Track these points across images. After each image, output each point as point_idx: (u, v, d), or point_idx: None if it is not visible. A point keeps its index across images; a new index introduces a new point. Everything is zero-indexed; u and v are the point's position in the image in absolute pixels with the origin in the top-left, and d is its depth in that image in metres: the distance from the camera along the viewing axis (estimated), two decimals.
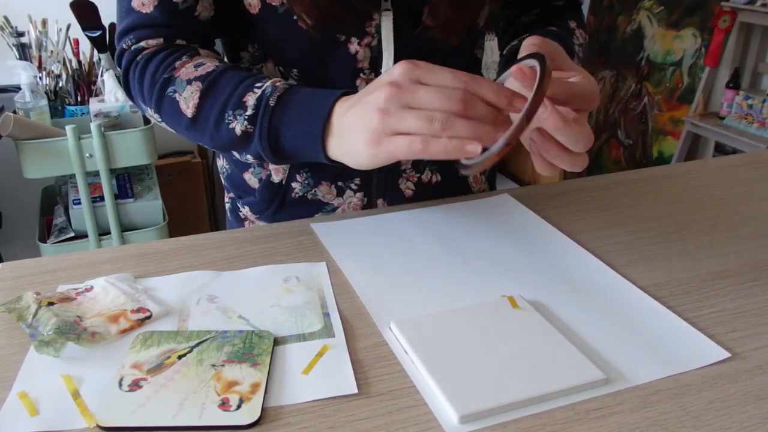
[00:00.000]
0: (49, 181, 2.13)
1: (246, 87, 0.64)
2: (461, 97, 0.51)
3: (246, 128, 0.63)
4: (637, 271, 0.64)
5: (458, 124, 0.51)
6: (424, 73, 0.52)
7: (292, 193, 0.81)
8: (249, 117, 0.63)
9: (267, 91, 0.63)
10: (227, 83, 0.65)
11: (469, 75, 0.52)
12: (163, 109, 0.69)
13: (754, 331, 0.55)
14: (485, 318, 0.55)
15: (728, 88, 2.57)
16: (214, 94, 0.65)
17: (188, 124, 0.67)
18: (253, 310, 0.57)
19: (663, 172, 0.89)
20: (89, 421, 0.45)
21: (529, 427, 0.45)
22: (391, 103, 0.52)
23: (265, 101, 0.62)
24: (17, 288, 0.61)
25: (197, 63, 0.68)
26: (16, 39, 1.95)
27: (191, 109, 0.66)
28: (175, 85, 0.67)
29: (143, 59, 0.70)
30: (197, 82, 0.66)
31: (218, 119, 0.65)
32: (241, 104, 0.64)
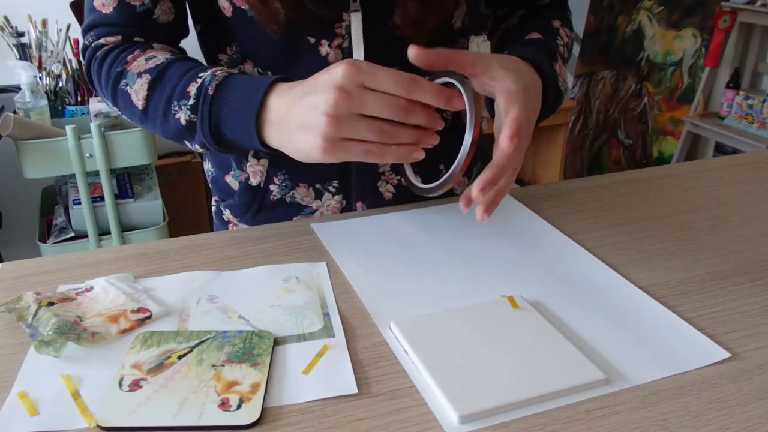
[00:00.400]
0: (49, 181, 2.13)
1: (189, 77, 0.66)
2: (404, 106, 0.55)
3: (189, 118, 0.65)
4: (637, 271, 0.64)
5: (402, 134, 0.56)
6: (368, 78, 0.54)
7: (270, 195, 0.81)
8: (191, 106, 0.65)
9: (206, 80, 0.64)
10: (173, 74, 0.67)
11: (410, 78, 0.54)
12: (118, 102, 0.72)
13: (754, 331, 0.55)
14: (485, 318, 0.55)
15: (728, 88, 2.57)
16: (161, 85, 0.67)
17: (140, 115, 0.70)
18: (253, 310, 0.57)
19: (663, 172, 0.89)
20: (89, 421, 0.45)
21: (529, 427, 0.45)
22: (340, 109, 0.54)
23: (204, 90, 0.64)
24: (17, 288, 0.61)
25: (148, 56, 0.70)
26: (16, 39, 1.95)
27: (141, 101, 0.68)
28: (127, 78, 0.70)
29: (101, 55, 0.72)
30: (146, 75, 0.68)
31: (165, 110, 0.67)
32: (185, 94, 0.65)
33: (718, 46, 2.61)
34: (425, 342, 0.52)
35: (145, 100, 0.68)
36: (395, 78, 0.54)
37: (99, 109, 1.81)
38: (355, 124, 0.55)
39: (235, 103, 0.63)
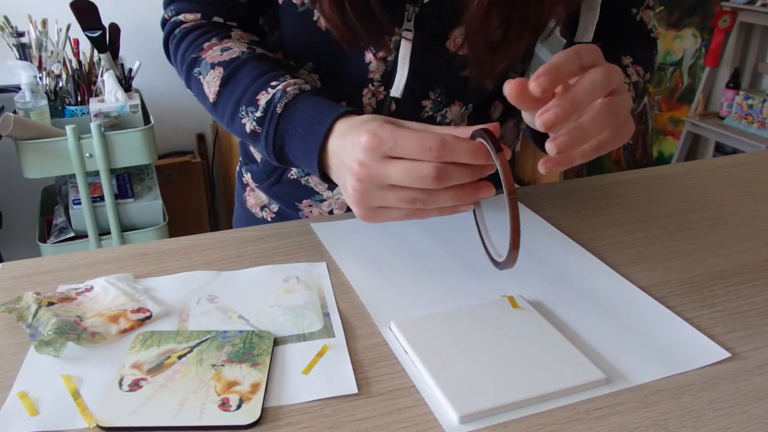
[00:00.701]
0: (49, 181, 2.13)
1: (261, 84, 0.64)
2: (434, 174, 0.49)
3: (255, 128, 0.64)
4: (637, 271, 0.64)
5: (440, 198, 0.52)
6: (391, 148, 0.51)
7: (288, 173, 0.83)
8: (258, 118, 0.64)
9: (277, 96, 0.63)
10: (246, 76, 0.66)
11: (438, 140, 0.49)
12: (191, 87, 0.72)
13: (754, 331, 0.55)
14: (485, 318, 0.55)
15: (728, 88, 2.57)
16: (233, 84, 0.67)
17: (210, 107, 0.70)
18: (253, 310, 0.57)
19: (663, 172, 0.89)
20: (89, 421, 0.45)
21: (529, 427, 0.45)
22: (364, 185, 0.53)
23: (273, 107, 0.62)
24: (17, 288, 0.61)
25: (224, 47, 0.69)
26: (16, 39, 1.95)
27: (212, 95, 0.68)
28: (200, 67, 0.69)
29: (179, 34, 0.73)
30: (219, 68, 0.68)
31: (233, 111, 0.66)
32: (254, 102, 0.64)
33: (718, 46, 2.61)
34: (425, 342, 0.52)
35: (216, 95, 0.68)
36: (420, 143, 0.49)
37: (99, 109, 1.81)
38: (383, 195, 0.53)
39: (301, 128, 0.61)
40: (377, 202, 0.54)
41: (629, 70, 0.72)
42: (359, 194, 0.53)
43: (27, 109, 1.78)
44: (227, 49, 0.69)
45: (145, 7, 2.27)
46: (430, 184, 0.50)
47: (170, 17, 0.75)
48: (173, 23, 0.74)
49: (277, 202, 0.88)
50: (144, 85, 2.28)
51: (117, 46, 1.99)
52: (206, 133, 2.57)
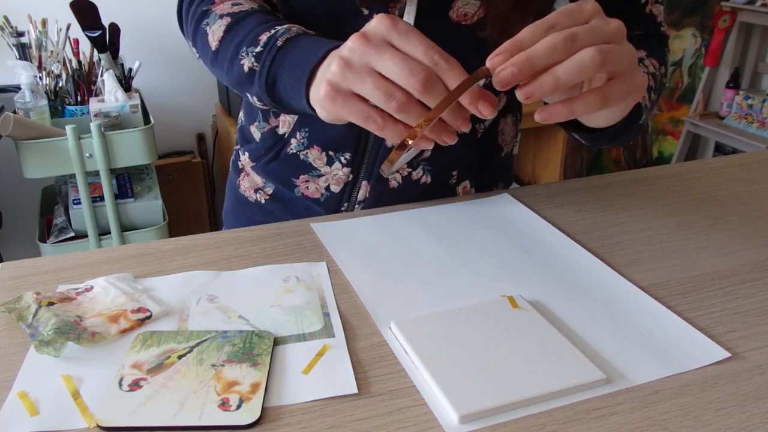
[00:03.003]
0: (49, 181, 2.13)
1: (265, 27, 0.63)
2: (424, 76, 0.47)
3: (252, 65, 0.63)
4: (637, 271, 0.64)
5: (412, 113, 0.49)
6: (399, 37, 0.49)
7: (287, 147, 0.82)
8: (257, 54, 0.62)
9: (279, 32, 0.62)
10: (251, 21, 0.65)
11: (444, 54, 0.48)
12: (197, 42, 0.71)
13: (754, 331, 0.55)
14: (485, 318, 0.55)
15: (728, 88, 2.57)
16: (237, 30, 0.66)
17: (212, 56, 0.68)
18: (253, 310, 0.57)
19: (663, 172, 0.89)
20: (89, 421, 0.45)
21: (529, 427, 0.45)
22: (354, 55, 0.49)
23: (273, 41, 0.61)
24: (17, 288, 0.61)
25: (236, 2, 0.69)
26: (16, 39, 1.95)
27: (215, 42, 0.67)
28: (209, 18, 0.69)
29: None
30: (227, 18, 0.67)
31: (233, 54, 0.65)
32: (256, 41, 0.63)
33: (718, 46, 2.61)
34: (425, 342, 0.52)
35: (219, 41, 0.67)
36: (428, 46, 0.48)
37: (99, 108, 1.81)
38: (362, 76, 0.49)
39: (295, 59, 0.59)
40: (352, 83, 0.50)
41: (645, 61, 0.71)
42: (343, 64, 0.50)
43: (27, 109, 1.78)
44: (237, 4, 0.69)
45: (145, 7, 2.27)
46: (415, 85, 0.47)
47: None
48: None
49: (272, 183, 0.86)
50: (144, 85, 2.28)
51: (117, 46, 1.99)
52: (206, 133, 2.57)
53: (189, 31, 0.73)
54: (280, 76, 0.60)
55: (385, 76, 0.49)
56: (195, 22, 0.71)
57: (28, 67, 1.78)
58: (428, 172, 0.83)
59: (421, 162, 0.82)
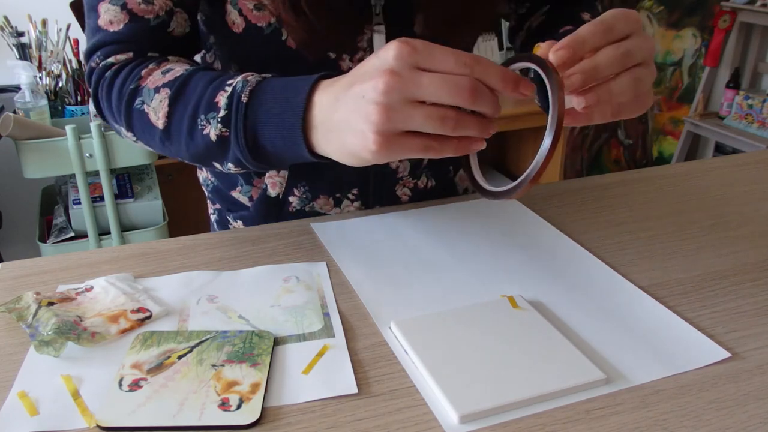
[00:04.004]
0: (49, 181, 2.13)
1: (216, 87, 0.58)
2: (470, 87, 0.46)
3: (221, 132, 0.57)
4: (637, 271, 0.64)
5: (470, 124, 0.47)
6: (425, 58, 0.46)
7: (289, 207, 0.80)
8: (222, 118, 0.56)
9: (238, 87, 0.56)
10: (196, 85, 0.59)
11: (472, 57, 0.47)
12: (134, 125, 0.63)
13: (754, 331, 0.55)
14: (485, 318, 0.55)
15: (728, 88, 2.57)
16: (184, 99, 0.59)
17: (161, 136, 0.61)
18: (253, 310, 0.57)
19: (663, 172, 0.89)
20: (89, 421, 0.45)
21: (529, 427, 0.45)
22: (392, 96, 0.46)
23: (236, 98, 0.56)
24: (17, 288, 0.61)
25: (165, 69, 0.62)
26: (16, 39, 1.95)
27: (161, 120, 0.60)
28: (143, 96, 0.61)
29: (111, 74, 0.64)
30: (165, 89, 0.60)
31: (191, 126, 0.59)
32: (213, 106, 0.57)
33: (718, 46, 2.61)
34: (425, 342, 0.52)
35: (166, 117, 0.60)
36: (456, 55, 0.46)
37: None
38: (410, 112, 0.46)
39: (275, 108, 0.54)
40: (401, 123, 0.46)
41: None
42: (384, 110, 0.46)
43: (27, 109, 1.78)
44: (169, 71, 0.62)
45: None
46: (465, 98, 0.46)
47: (98, 63, 0.65)
48: (102, 68, 0.65)
49: None
50: None
51: None
52: None
53: (119, 116, 0.63)
54: (261, 132, 0.55)
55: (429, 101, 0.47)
56: (125, 104, 0.62)
57: (28, 67, 1.78)
58: (431, 176, 0.83)
59: (423, 170, 0.83)
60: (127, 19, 0.64)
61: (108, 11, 0.64)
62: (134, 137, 0.64)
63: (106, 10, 0.64)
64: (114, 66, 0.64)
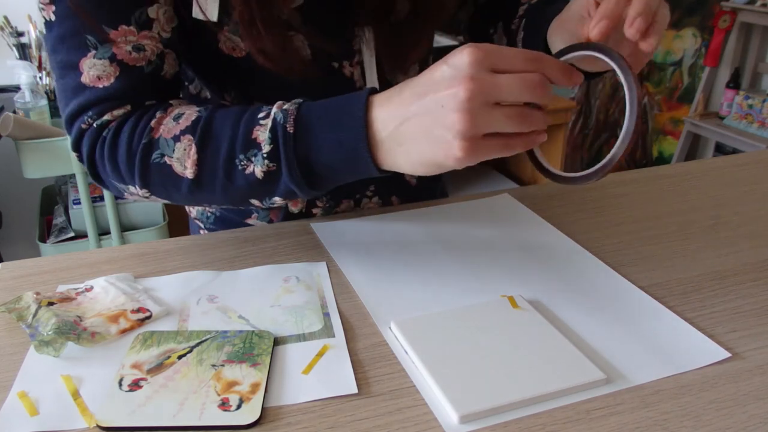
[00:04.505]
0: (49, 181, 2.13)
1: (248, 123, 0.56)
2: (540, 84, 0.48)
3: (268, 168, 0.55)
4: (637, 271, 0.64)
5: (539, 118, 0.50)
6: (497, 60, 0.48)
7: (313, 216, 0.79)
8: (268, 154, 0.55)
9: (278, 118, 0.55)
10: (222, 126, 0.57)
11: (534, 54, 0.49)
12: (151, 181, 0.59)
13: (754, 331, 0.55)
14: (485, 318, 0.55)
15: (728, 88, 2.57)
16: (214, 143, 0.56)
17: (190, 186, 0.58)
18: (253, 310, 0.57)
19: (663, 172, 0.89)
20: (89, 421, 0.45)
21: (529, 427, 0.45)
22: (475, 102, 0.47)
23: (281, 130, 0.54)
24: (17, 288, 0.61)
25: (175, 115, 0.59)
26: (16, 39, 1.95)
27: (191, 168, 0.57)
28: (160, 148, 0.58)
29: (110, 133, 0.59)
30: (186, 136, 0.57)
31: (228, 169, 0.56)
32: (252, 143, 0.55)
33: (718, 46, 2.61)
34: (425, 342, 0.52)
35: (196, 165, 0.56)
36: (522, 54, 0.48)
37: None
38: (492, 115, 0.47)
39: (329, 133, 0.53)
40: (485, 126, 0.48)
41: None
42: (470, 116, 0.47)
43: (27, 109, 1.78)
44: (181, 116, 0.58)
45: None
46: (539, 94, 0.48)
47: (90, 124, 0.60)
48: (97, 128, 0.60)
49: None
50: None
51: None
52: None
53: (129, 174, 0.59)
54: (317, 159, 0.54)
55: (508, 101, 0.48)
56: (140, 161, 0.58)
57: (28, 67, 1.78)
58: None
59: None
60: (119, 72, 0.59)
61: (94, 67, 0.59)
62: (147, 193, 0.60)
63: (90, 66, 0.59)
64: (111, 123, 0.60)
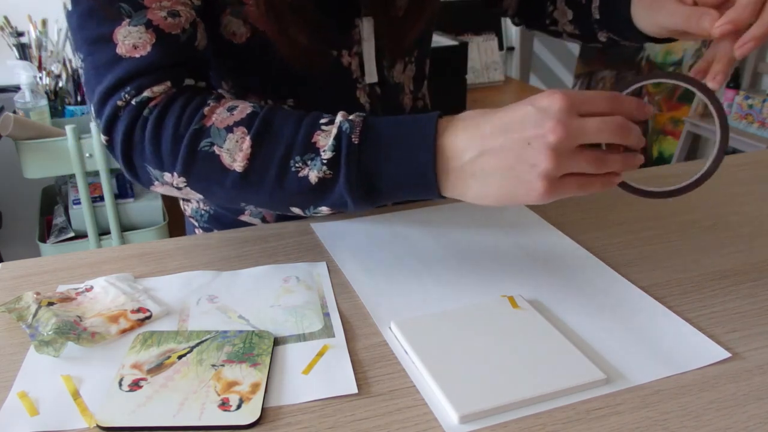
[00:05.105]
0: (49, 181, 2.13)
1: (309, 126, 0.55)
2: (624, 125, 0.51)
3: (324, 174, 0.53)
4: (637, 271, 0.64)
5: (618, 160, 0.52)
6: (582, 105, 0.50)
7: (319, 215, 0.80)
8: (328, 161, 0.53)
9: (344, 127, 0.53)
10: (283, 124, 0.55)
11: (613, 95, 0.52)
12: (195, 169, 0.56)
13: (754, 331, 0.55)
14: (485, 318, 0.55)
15: (728, 88, 2.57)
16: (272, 139, 0.54)
17: (236, 180, 0.55)
18: (253, 310, 0.57)
19: (663, 172, 0.89)
20: (89, 421, 0.45)
21: (529, 427, 0.45)
22: (563, 144, 0.49)
23: (346, 139, 0.53)
24: (17, 288, 0.61)
25: (229, 106, 0.57)
26: (16, 39, 1.95)
27: (241, 162, 0.54)
28: (211, 137, 0.55)
29: (155, 114, 0.56)
30: (240, 128, 0.55)
31: (282, 169, 0.54)
32: (311, 147, 0.54)
33: None
34: (425, 342, 0.52)
35: (248, 159, 0.54)
36: (604, 97, 0.51)
37: None
38: (576, 157, 0.50)
39: (395, 150, 0.53)
40: (569, 168, 0.50)
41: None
42: (556, 157, 0.49)
43: (27, 109, 1.78)
44: (235, 108, 0.56)
45: None
46: (624, 135, 0.51)
47: (128, 101, 0.56)
48: (137, 106, 0.56)
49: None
50: None
51: None
52: None
53: (171, 160, 0.56)
54: (380, 175, 0.53)
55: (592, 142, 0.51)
56: (187, 146, 0.55)
57: (28, 67, 1.78)
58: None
59: None
60: (155, 39, 0.57)
61: (129, 35, 0.56)
62: (184, 183, 0.57)
63: (126, 34, 0.56)
64: (153, 102, 0.57)
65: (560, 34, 0.84)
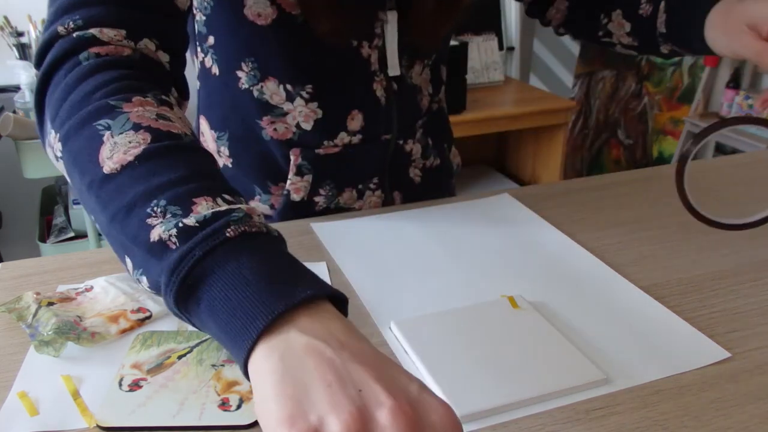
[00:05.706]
0: (49, 181, 2.13)
1: (210, 187, 0.41)
2: None
3: (167, 239, 0.38)
4: (637, 271, 0.64)
5: None
6: None
7: (315, 207, 0.79)
8: (183, 228, 0.38)
9: (236, 215, 0.39)
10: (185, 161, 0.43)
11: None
12: (71, 143, 0.45)
13: (754, 331, 0.54)
14: (485, 318, 0.55)
15: (728, 88, 2.57)
16: (161, 166, 0.42)
17: (95, 180, 0.43)
18: None
19: (663, 172, 0.89)
20: (89, 421, 0.45)
21: (529, 427, 0.45)
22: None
23: (221, 224, 0.38)
24: (17, 288, 0.61)
25: (161, 113, 0.46)
26: (16, 39, 1.95)
27: (113, 163, 0.42)
28: (114, 120, 0.44)
29: (89, 65, 0.47)
30: (145, 134, 0.43)
31: (137, 202, 0.41)
32: (185, 204, 0.40)
33: None
34: (425, 342, 0.52)
35: (120, 165, 0.42)
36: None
37: None
38: None
39: (249, 277, 0.36)
40: None
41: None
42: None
43: (27, 109, 1.78)
44: (164, 118, 0.46)
45: None
46: None
47: (71, 30, 0.48)
48: (77, 40, 0.48)
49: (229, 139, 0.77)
50: None
51: None
52: None
53: (63, 117, 0.46)
54: (214, 285, 0.36)
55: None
56: (85, 114, 0.45)
57: (28, 67, 1.78)
58: (437, 155, 0.86)
59: (431, 150, 0.85)
60: None
61: None
62: (60, 152, 0.47)
63: None
64: (95, 48, 0.48)
65: (613, 45, 0.85)
